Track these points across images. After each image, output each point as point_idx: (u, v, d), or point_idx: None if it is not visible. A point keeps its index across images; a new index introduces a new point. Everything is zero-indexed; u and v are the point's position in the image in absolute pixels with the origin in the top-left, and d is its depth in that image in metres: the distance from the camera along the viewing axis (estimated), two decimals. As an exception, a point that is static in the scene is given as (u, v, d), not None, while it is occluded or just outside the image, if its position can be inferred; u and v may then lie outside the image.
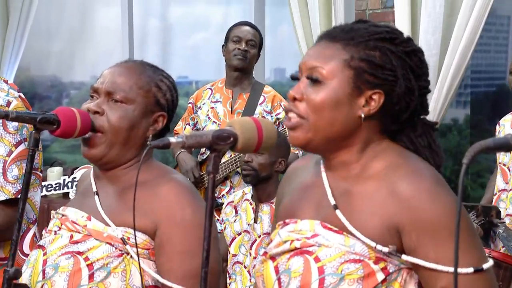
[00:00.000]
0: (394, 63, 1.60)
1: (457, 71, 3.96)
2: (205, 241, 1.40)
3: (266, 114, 4.14)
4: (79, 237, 1.83)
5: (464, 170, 1.15)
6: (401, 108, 1.62)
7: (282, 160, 3.53)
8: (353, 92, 1.60)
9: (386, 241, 1.56)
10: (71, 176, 5.24)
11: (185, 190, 1.82)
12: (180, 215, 1.78)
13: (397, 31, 1.66)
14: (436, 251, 1.54)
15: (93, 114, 1.85)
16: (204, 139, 1.44)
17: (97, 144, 1.85)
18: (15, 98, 2.33)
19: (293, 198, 1.74)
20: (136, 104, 1.86)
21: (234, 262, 3.58)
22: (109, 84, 1.86)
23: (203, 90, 4.33)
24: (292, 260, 1.61)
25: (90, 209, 1.87)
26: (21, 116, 1.79)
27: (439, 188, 1.56)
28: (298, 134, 1.62)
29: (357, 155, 1.64)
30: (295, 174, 1.81)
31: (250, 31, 4.19)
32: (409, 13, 4.06)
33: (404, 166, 1.60)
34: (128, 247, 1.78)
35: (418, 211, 1.54)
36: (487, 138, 1.20)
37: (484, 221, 3.41)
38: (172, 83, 1.94)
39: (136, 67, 1.91)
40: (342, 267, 1.55)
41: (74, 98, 6.90)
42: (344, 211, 1.61)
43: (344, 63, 1.60)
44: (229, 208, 3.68)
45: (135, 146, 1.87)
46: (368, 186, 1.61)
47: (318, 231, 1.61)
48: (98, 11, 6.71)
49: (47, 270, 1.81)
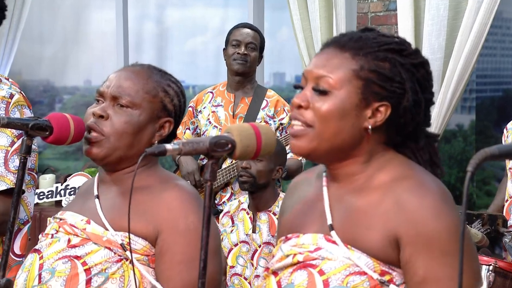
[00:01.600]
0: (403, 75, 1.61)
1: (462, 76, 3.95)
2: (202, 250, 1.40)
3: (269, 119, 4.10)
4: (77, 241, 1.81)
5: (469, 177, 1.16)
6: (406, 121, 1.63)
7: (280, 167, 3.52)
8: (361, 103, 1.60)
9: (388, 254, 1.56)
10: (64, 184, 5.20)
11: (190, 198, 1.81)
12: (183, 223, 1.77)
13: (405, 42, 1.66)
14: (426, 268, 1.53)
15: (98, 118, 1.84)
16: (201, 146, 1.44)
17: (100, 144, 1.84)
18: (18, 92, 2.35)
19: (295, 212, 1.74)
20: (142, 109, 1.85)
21: (232, 274, 3.55)
22: (115, 88, 1.86)
23: (203, 93, 4.29)
24: (295, 274, 1.60)
25: (90, 212, 1.86)
26: (12, 122, 1.79)
27: (443, 204, 1.55)
28: (302, 142, 1.61)
29: (361, 166, 1.63)
30: (297, 188, 1.81)
31: (249, 33, 4.13)
32: (412, 16, 4.05)
33: (411, 178, 1.59)
34: (128, 253, 1.76)
35: (418, 225, 1.53)
36: (493, 144, 1.20)
37: (490, 230, 3.43)
38: (180, 88, 1.94)
39: (143, 71, 1.90)
40: (348, 279, 1.55)
41: (67, 103, 6.94)
42: (345, 227, 1.60)
43: (353, 73, 1.60)
44: (225, 218, 3.65)
45: (140, 151, 1.85)
46: (373, 197, 1.60)
47: (321, 245, 1.60)
48: (92, 14, 6.74)
49: (43, 274, 1.79)
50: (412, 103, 1.60)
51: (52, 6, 6.69)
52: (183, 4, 6.80)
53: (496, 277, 3.02)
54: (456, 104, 4.04)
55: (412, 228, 1.53)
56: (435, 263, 1.52)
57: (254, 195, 3.52)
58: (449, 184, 3.51)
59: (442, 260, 1.52)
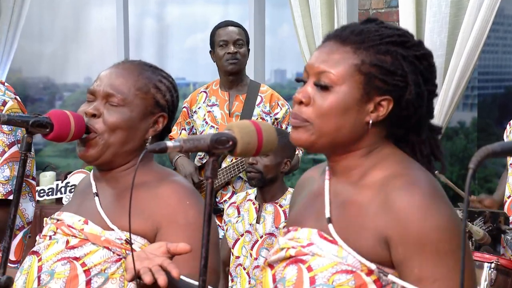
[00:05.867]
0: (405, 68, 1.59)
1: (463, 73, 3.94)
2: (203, 248, 1.39)
3: (265, 116, 4.09)
4: (76, 242, 1.81)
5: (471, 175, 1.15)
6: (409, 114, 1.61)
7: (288, 160, 3.49)
8: (362, 98, 1.59)
9: (378, 253, 1.55)
10: (64, 181, 5.20)
11: (187, 192, 1.81)
12: (183, 218, 1.76)
13: (408, 34, 1.64)
14: (421, 268, 1.51)
15: (90, 117, 1.84)
16: (202, 143, 1.44)
17: (93, 145, 1.83)
18: (11, 99, 2.32)
19: (300, 207, 1.75)
20: (134, 106, 1.85)
21: (237, 264, 3.54)
22: (107, 87, 1.85)
23: (197, 93, 4.26)
24: (288, 268, 1.61)
25: (89, 211, 1.85)
26: (13, 119, 1.79)
27: (433, 202, 1.53)
28: (301, 134, 1.61)
29: (359, 160, 1.63)
30: (305, 184, 1.81)
31: (234, 31, 4.11)
32: (414, 12, 4.04)
33: (402, 177, 1.57)
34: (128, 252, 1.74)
35: (407, 225, 1.52)
36: (494, 141, 1.19)
37: (492, 227, 3.43)
38: (171, 83, 1.93)
39: (134, 68, 1.90)
40: (334, 278, 1.54)
41: (67, 100, 6.93)
42: (340, 223, 1.60)
43: (354, 68, 1.58)
44: (231, 209, 3.63)
45: (134, 147, 1.86)
46: (365, 195, 1.59)
47: (314, 240, 1.60)
48: (92, 11, 6.73)
49: (43, 276, 1.79)
50: (415, 96, 1.59)
51: (52, 3, 6.68)
52: (184, 1, 6.79)
53: (498, 274, 3.02)
54: (458, 101, 4.02)
55: (401, 228, 1.52)
56: (430, 262, 1.50)
57: (262, 189, 3.50)
58: (451, 182, 3.48)
59: (437, 259, 1.50)
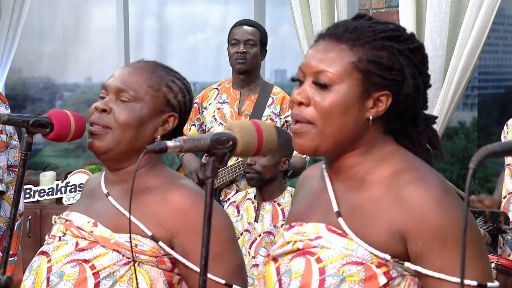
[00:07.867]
0: (401, 62, 1.59)
1: (464, 73, 3.94)
2: (203, 248, 1.39)
3: (275, 117, 4.10)
4: (85, 244, 1.82)
5: (471, 175, 1.15)
6: (407, 107, 1.62)
7: (286, 159, 3.51)
8: (362, 95, 1.59)
9: (390, 247, 1.55)
10: (64, 181, 5.18)
11: (198, 197, 1.81)
12: (200, 224, 1.75)
13: (400, 28, 1.65)
14: (443, 259, 1.53)
15: (100, 112, 1.85)
16: (202, 143, 1.44)
17: (103, 138, 1.84)
18: None
19: (301, 204, 1.74)
20: (145, 102, 1.86)
21: None
22: (119, 82, 1.87)
23: (209, 89, 4.28)
24: (294, 261, 1.61)
25: (99, 213, 1.86)
26: (13, 119, 1.79)
27: (447, 195, 1.55)
28: (304, 141, 1.61)
29: (361, 157, 1.63)
30: (306, 182, 1.81)
31: (247, 30, 4.11)
32: (414, 12, 4.05)
33: (411, 172, 1.58)
34: (137, 255, 1.78)
35: (426, 218, 1.53)
36: (495, 141, 1.20)
37: (492, 227, 3.44)
38: (185, 85, 1.94)
39: (147, 66, 1.92)
40: (344, 268, 1.54)
41: (67, 100, 6.91)
42: (348, 218, 1.60)
43: (352, 66, 1.58)
44: (231, 208, 3.65)
45: (143, 145, 1.84)
46: (374, 192, 1.59)
47: (322, 234, 1.61)
48: (93, 10, 6.71)
49: (52, 278, 1.80)
50: (412, 89, 1.59)
51: (52, 2, 6.66)
52: (184, 1, 6.78)
53: (498, 274, 3.02)
54: (458, 101, 4.03)
55: (419, 222, 1.53)
56: (450, 253, 1.52)
57: (261, 188, 3.52)
58: (451, 182, 3.49)
59: (457, 249, 1.52)
